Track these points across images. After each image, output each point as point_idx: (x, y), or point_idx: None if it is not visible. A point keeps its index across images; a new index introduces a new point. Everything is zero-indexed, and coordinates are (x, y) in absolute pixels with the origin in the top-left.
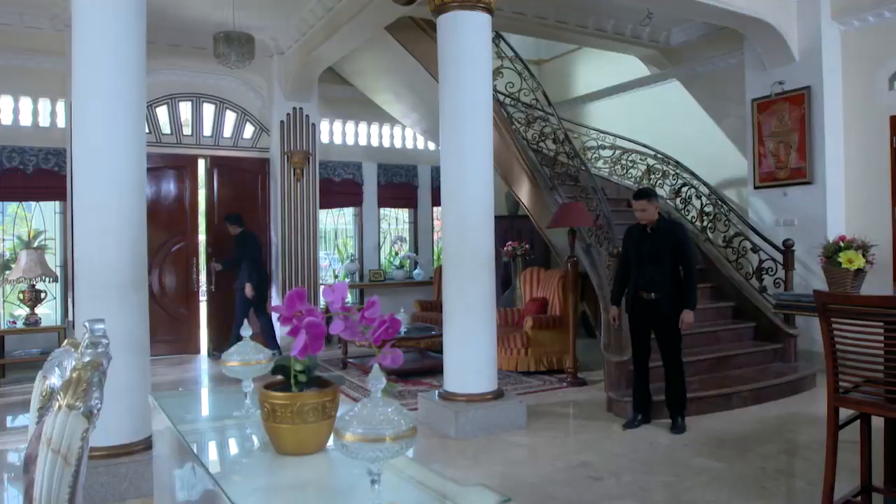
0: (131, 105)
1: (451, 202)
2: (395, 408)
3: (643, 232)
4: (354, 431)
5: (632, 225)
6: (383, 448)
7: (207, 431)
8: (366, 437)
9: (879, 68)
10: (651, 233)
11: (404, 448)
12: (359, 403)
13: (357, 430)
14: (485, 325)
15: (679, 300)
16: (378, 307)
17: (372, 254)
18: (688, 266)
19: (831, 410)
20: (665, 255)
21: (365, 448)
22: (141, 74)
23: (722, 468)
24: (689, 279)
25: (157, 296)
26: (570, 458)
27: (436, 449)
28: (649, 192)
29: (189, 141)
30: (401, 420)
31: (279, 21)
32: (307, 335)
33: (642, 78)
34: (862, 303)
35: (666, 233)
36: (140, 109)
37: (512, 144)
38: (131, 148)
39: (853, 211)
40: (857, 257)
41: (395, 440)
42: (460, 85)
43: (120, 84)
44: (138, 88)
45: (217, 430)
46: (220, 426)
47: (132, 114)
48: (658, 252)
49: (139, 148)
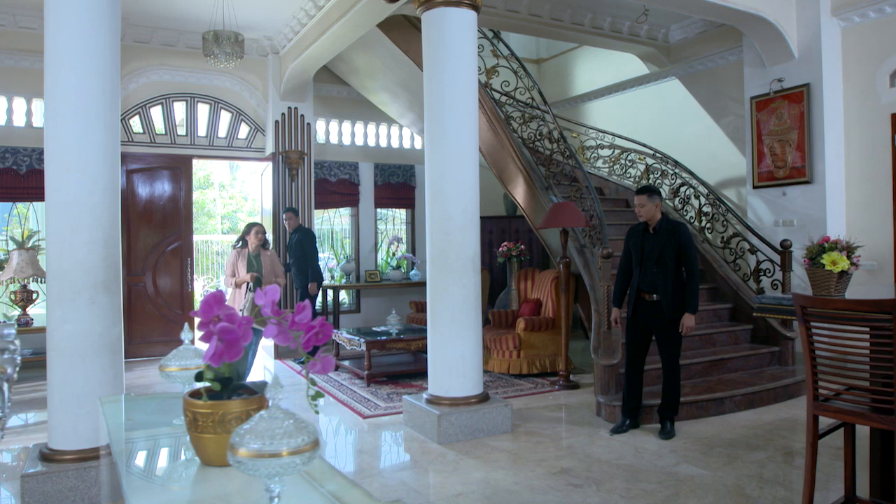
0: (103, 103)
1: (436, 201)
2: (296, 420)
3: (645, 232)
4: (249, 447)
5: (634, 225)
6: (280, 464)
7: (142, 439)
8: (261, 453)
9: (880, 65)
10: (653, 233)
11: (304, 463)
12: (257, 416)
13: (252, 446)
14: (470, 327)
15: (681, 302)
16: (308, 312)
17: (368, 254)
18: (690, 268)
19: (811, 419)
20: (668, 256)
21: (260, 464)
22: (114, 71)
23: (707, 476)
24: (691, 281)
25: (152, 296)
26: (552, 465)
27: (417, 454)
28: (650, 189)
29: (184, 141)
30: (301, 433)
31: (273, 20)
32: (220, 341)
33: (641, 76)
34: (841, 307)
35: (669, 233)
36: (113, 108)
37: (507, 143)
38: (103, 146)
39: (854, 210)
40: (842, 259)
41: (294, 454)
42: (445, 82)
43: (91, 82)
44: (111, 86)
45: (151, 438)
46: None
47: (104, 112)
48: (660, 253)
49: (112, 147)
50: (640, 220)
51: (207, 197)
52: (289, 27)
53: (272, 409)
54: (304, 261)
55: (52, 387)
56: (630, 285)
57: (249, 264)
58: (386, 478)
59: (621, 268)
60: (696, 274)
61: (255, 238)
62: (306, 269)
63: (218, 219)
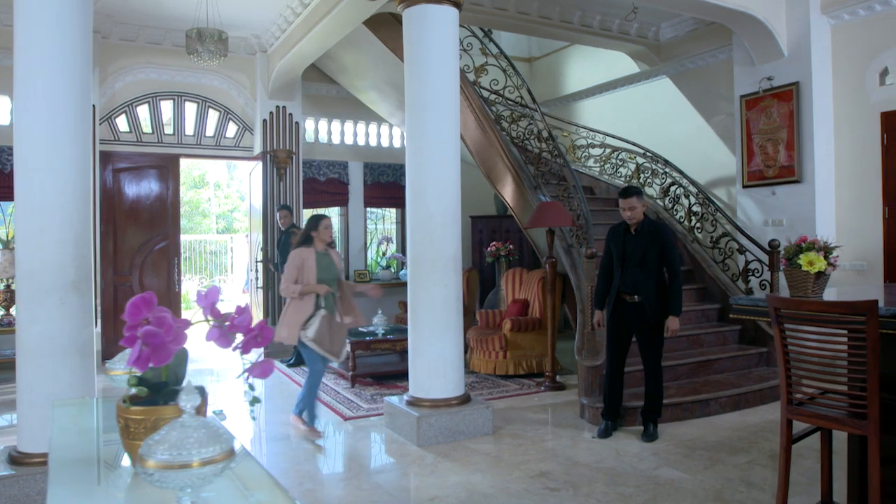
0: (74, 102)
1: (417, 200)
2: (210, 429)
3: (627, 233)
4: (158, 457)
5: (614, 225)
6: (191, 475)
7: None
8: (170, 464)
9: (870, 63)
10: (635, 234)
11: (216, 474)
12: (168, 425)
13: (161, 456)
14: (451, 327)
15: (663, 304)
16: (249, 314)
17: (358, 254)
18: (673, 269)
19: (784, 423)
20: (650, 256)
21: (170, 476)
22: (86, 69)
23: (686, 479)
24: (674, 283)
25: None
26: (531, 468)
27: (395, 456)
28: (638, 190)
29: (171, 140)
30: (215, 443)
31: (260, 18)
32: (145, 346)
33: (632, 75)
34: (815, 308)
35: (651, 234)
36: (84, 107)
37: (496, 142)
38: (74, 146)
39: (843, 210)
40: (819, 259)
41: (206, 465)
42: (426, 80)
43: (61, 81)
44: (82, 85)
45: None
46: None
47: (75, 111)
48: (643, 254)
49: (83, 146)
50: (630, 222)
51: (202, 196)
52: (276, 25)
53: (186, 417)
54: None
55: (21, 389)
56: (611, 286)
57: (322, 268)
58: (361, 481)
59: (602, 269)
60: (679, 275)
61: (327, 234)
62: None
63: (213, 218)
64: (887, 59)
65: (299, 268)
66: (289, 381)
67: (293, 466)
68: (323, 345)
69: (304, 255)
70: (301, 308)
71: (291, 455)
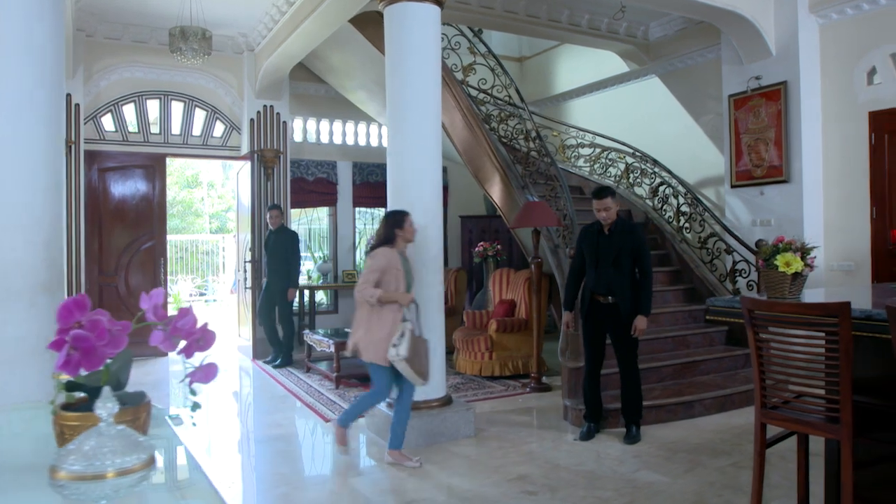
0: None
1: (398, 201)
2: (128, 437)
3: (600, 233)
4: (70, 469)
5: (587, 226)
6: (106, 487)
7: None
8: (83, 475)
9: (858, 62)
10: (609, 234)
11: (134, 485)
12: (84, 433)
13: (73, 467)
14: (433, 328)
15: (636, 304)
16: (192, 317)
17: (347, 254)
18: (645, 269)
19: (758, 427)
20: (624, 257)
21: (84, 488)
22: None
23: (665, 483)
24: (645, 283)
25: (124, 297)
26: (510, 471)
27: (375, 459)
28: (612, 190)
29: (157, 139)
30: (133, 451)
31: (247, 17)
32: (74, 350)
33: (622, 74)
34: (788, 310)
35: (624, 234)
36: (56, 99)
37: (484, 141)
38: (43, 145)
39: (832, 210)
40: (795, 260)
41: (121, 475)
42: (407, 80)
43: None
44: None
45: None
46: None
47: (44, 110)
48: (616, 254)
49: (55, 144)
50: (605, 223)
51: (195, 196)
52: (262, 24)
53: (103, 425)
54: (283, 262)
55: None
56: (583, 287)
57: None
58: (337, 484)
59: (573, 270)
60: (651, 276)
61: (412, 232)
62: (285, 272)
63: (206, 218)
64: (875, 59)
65: (383, 270)
66: (274, 382)
67: (271, 469)
68: (414, 364)
69: (389, 257)
70: (384, 320)
71: (270, 458)
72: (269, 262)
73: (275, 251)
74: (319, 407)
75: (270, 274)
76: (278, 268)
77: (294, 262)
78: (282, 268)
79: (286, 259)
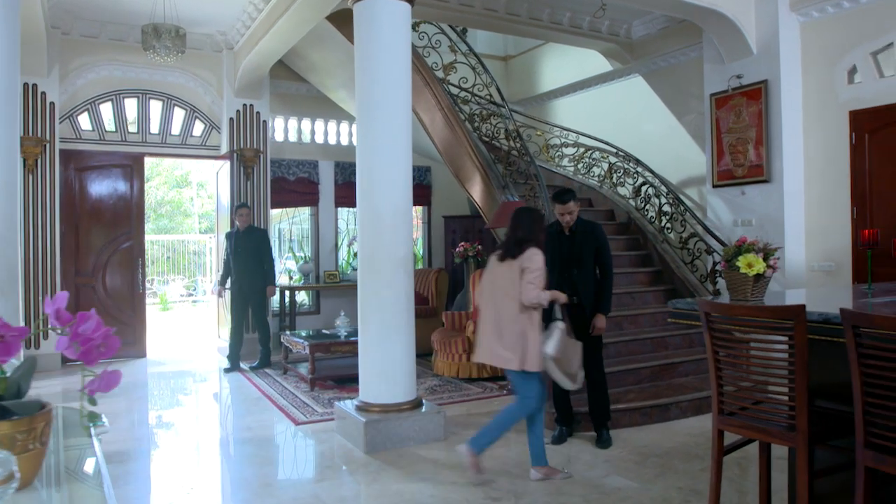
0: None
1: (366, 200)
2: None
3: (561, 234)
4: None
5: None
6: None
7: None
8: None
9: (839, 61)
10: (570, 234)
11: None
12: None
13: None
14: (401, 330)
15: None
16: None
17: (329, 255)
18: (606, 268)
19: (716, 433)
20: (587, 257)
21: None
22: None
23: (634, 488)
24: (606, 282)
25: (102, 298)
26: (476, 476)
27: (340, 463)
28: (575, 193)
29: (135, 139)
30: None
31: (225, 14)
32: None
33: (605, 73)
34: (743, 314)
35: (587, 234)
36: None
37: (464, 141)
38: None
39: (812, 210)
40: (758, 261)
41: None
42: (376, 78)
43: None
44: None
45: None
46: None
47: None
48: (580, 254)
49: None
50: (567, 225)
51: (185, 196)
52: (240, 22)
53: None
54: (257, 262)
55: None
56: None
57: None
58: (298, 490)
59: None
60: (611, 274)
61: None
62: (260, 271)
63: (195, 218)
64: (856, 57)
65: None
66: (249, 384)
67: (235, 474)
68: (562, 364)
69: (542, 256)
70: (535, 323)
71: (235, 462)
72: (241, 263)
73: (247, 250)
74: (292, 410)
75: (244, 274)
76: (253, 267)
77: (270, 259)
78: (257, 267)
79: (260, 258)
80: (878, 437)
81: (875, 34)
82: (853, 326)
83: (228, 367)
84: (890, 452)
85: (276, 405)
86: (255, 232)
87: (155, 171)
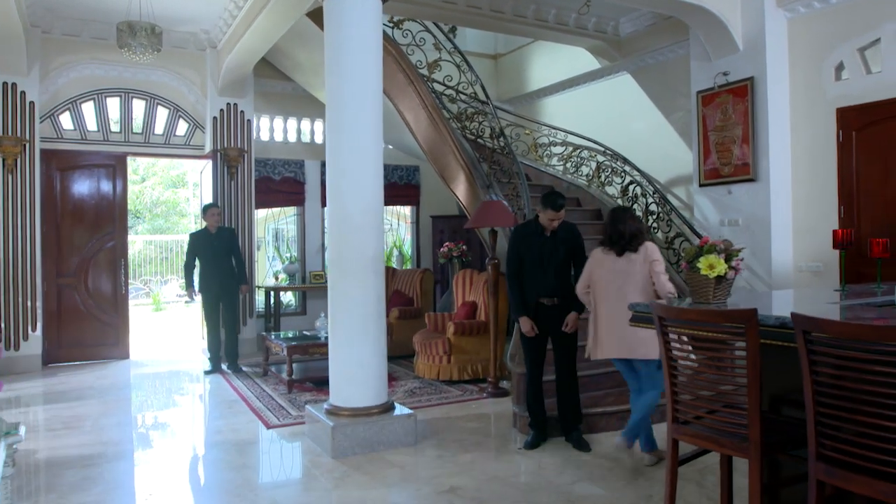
0: None
1: (335, 200)
2: None
3: (540, 234)
4: None
5: (520, 226)
6: None
7: None
8: None
9: (826, 57)
10: (550, 235)
11: None
12: None
13: None
14: (370, 333)
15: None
16: None
17: (315, 255)
18: (581, 268)
19: (670, 443)
20: (565, 257)
21: None
22: None
23: (602, 496)
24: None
25: (84, 299)
26: (443, 482)
27: (306, 468)
28: (563, 196)
29: (117, 138)
30: None
31: (207, 12)
32: None
33: (594, 71)
34: (694, 318)
35: (566, 235)
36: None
37: (449, 139)
38: None
39: (799, 209)
40: (719, 263)
41: None
42: (345, 76)
43: None
44: None
45: None
46: None
47: None
48: (559, 255)
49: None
50: (553, 230)
51: (180, 196)
52: (222, 20)
53: None
54: (228, 262)
55: None
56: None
57: None
58: (259, 496)
59: (514, 274)
60: None
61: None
62: (231, 271)
63: (191, 218)
64: (843, 53)
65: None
66: (228, 386)
67: (196, 480)
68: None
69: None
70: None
71: (203, 467)
72: (214, 264)
73: (218, 251)
74: (266, 413)
75: (216, 275)
76: (225, 268)
77: (240, 258)
78: (229, 268)
79: (231, 258)
80: (830, 448)
81: (862, 30)
82: (804, 332)
83: (209, 369)
84: (841, 465)
85: (251, 408)
86: (225, 231)
87: (150, 172)
